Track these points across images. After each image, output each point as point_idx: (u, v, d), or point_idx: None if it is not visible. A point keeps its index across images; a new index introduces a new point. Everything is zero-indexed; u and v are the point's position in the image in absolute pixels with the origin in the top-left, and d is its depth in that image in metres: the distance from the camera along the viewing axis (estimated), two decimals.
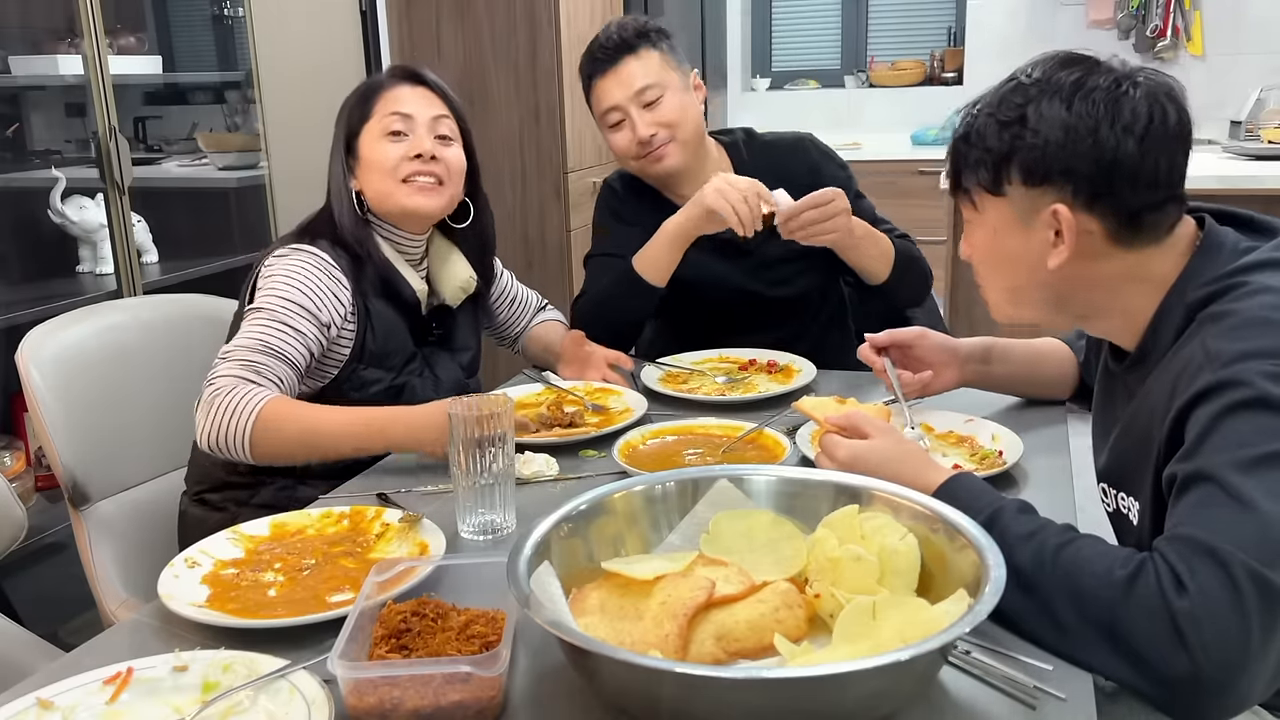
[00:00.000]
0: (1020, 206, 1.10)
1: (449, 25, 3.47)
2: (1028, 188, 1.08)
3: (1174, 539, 0.91)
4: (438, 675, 0.85)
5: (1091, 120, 1.04)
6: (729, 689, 0.78)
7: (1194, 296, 1.06)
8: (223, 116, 3.33)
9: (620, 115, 1.88)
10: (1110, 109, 1.04)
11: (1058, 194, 1.07)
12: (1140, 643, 0.87)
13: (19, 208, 2.78)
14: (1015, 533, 0.98)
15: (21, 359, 1.60)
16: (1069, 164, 1.05)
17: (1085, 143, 1.04)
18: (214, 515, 1.61)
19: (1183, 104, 1.07)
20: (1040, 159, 1.06)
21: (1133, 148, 1.03)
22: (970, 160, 1.13)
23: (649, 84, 1.86)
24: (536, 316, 1.98)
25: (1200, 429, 0.95)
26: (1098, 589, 0.91)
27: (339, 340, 1.59)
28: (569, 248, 3.50)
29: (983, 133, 1.11)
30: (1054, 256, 1.09)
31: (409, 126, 1.61)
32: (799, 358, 1.83)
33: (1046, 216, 1.08)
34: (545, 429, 1.56)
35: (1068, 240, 1.07)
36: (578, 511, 1.04)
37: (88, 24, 2.43)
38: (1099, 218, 1.07)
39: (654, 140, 1.86)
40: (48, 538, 2.35)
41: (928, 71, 5.16)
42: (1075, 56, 1.09)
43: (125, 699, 0.91)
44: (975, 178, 1.13)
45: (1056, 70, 1.08)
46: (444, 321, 1.74)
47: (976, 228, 1.17)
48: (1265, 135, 3.47)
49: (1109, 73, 1.06)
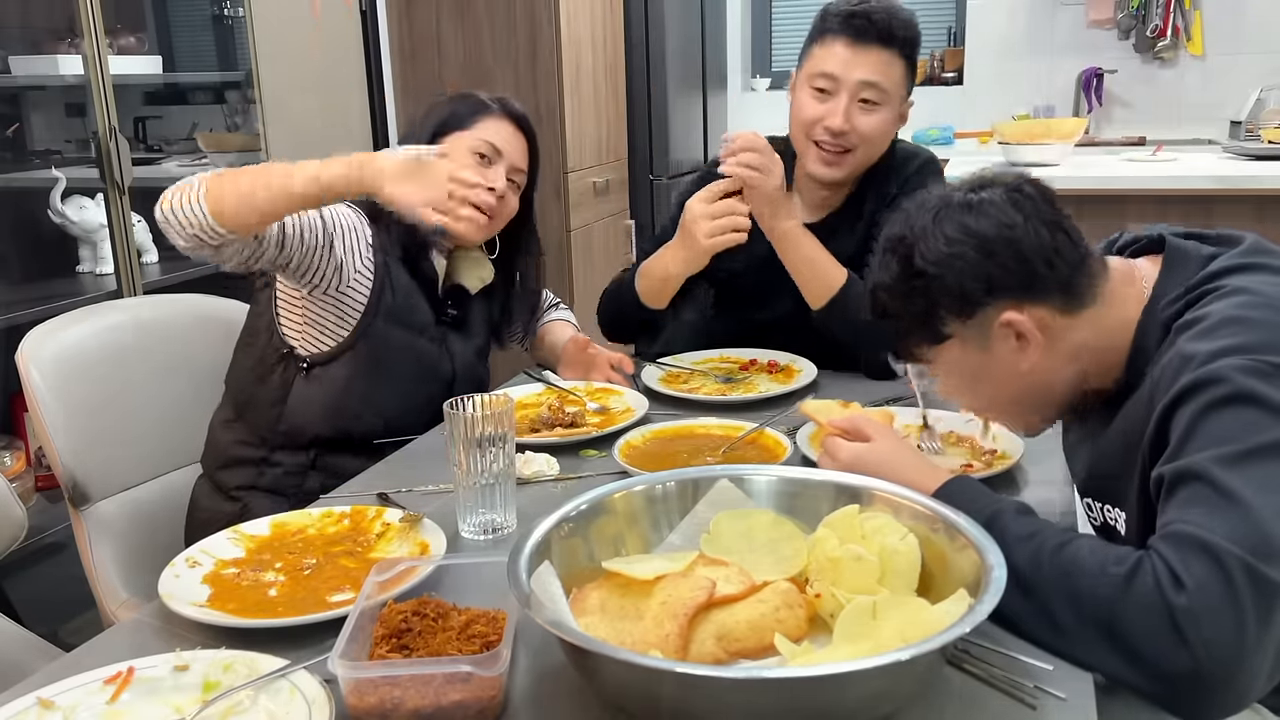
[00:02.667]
0: (971, 337, 1.10)
1: (449, 25, 3.47)
2: (965, 320, 1.09)
3: (1167, 536, 0.91)
4: (438, 675, 0.85)
5: (972, 232, 1.07)
6: (729, 689, 0.78)
7: (1167, 313, 1.07)
8: (223, 116, 3.33)
9: (833, 87, 1.72)
10: (981, 215, 1.07)
11: (995, 308, 1.08)
12: (1139, 641, 0.87)
13: (19, 208, 2.78)
14: (1014, 534, 0.98)
15: (21, 359, 1.60)
16: (986, 278, 1.07)
17: (982, 253, 1.06)
18: (226, 507, 1.62)
19: (1032, 176, 1.11)
20: (960, 291, 1.07)
21: (1024, 233, 1.06)
22: (901, 333, 1.15)
23: (881, 86, 1.71)
24: (547, 315, 1.98)
25: (1183, 429, 0.95)
26: (1095, 588, 0.91)
27: (352, 288, 1.60)
28: (569, 248, 3.50)
29: (890, 309, 1.13)
30: (1025, 359, 1.10)
31: (494, 158, 1.66)
32: (799, 357, 1.83)
33: (999, 331, 1.08)
34: (546, 429, 1.56)
35: (1032, 338, 1.08)
36: (578, 511, 1.04)
37: (88, 24, 2.43)
38: (1042, 304, 1.08)
39: (841, 137, 1.73)
40: (48, 538, 2.35)
41: (928, 71, 5.16)
42: (926, 196, 1.13)
43: (126, 699, 0.91)
44: (916, 340, 1.14)
45: (913, 217, 1.11)
46: (460, 304, 1.76)
47: (944, 376, 1.18)
48: (1265, 135, 3.47)
49: (958, 190, 1.11)
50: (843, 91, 1.72)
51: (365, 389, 1.63)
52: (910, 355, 1.18)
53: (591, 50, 3.62)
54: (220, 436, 1.70)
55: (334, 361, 1.62)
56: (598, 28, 3.66)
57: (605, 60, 3.74)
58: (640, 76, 3.96)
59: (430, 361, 1.68)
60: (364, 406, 1.63)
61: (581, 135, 3.54)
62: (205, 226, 1.41)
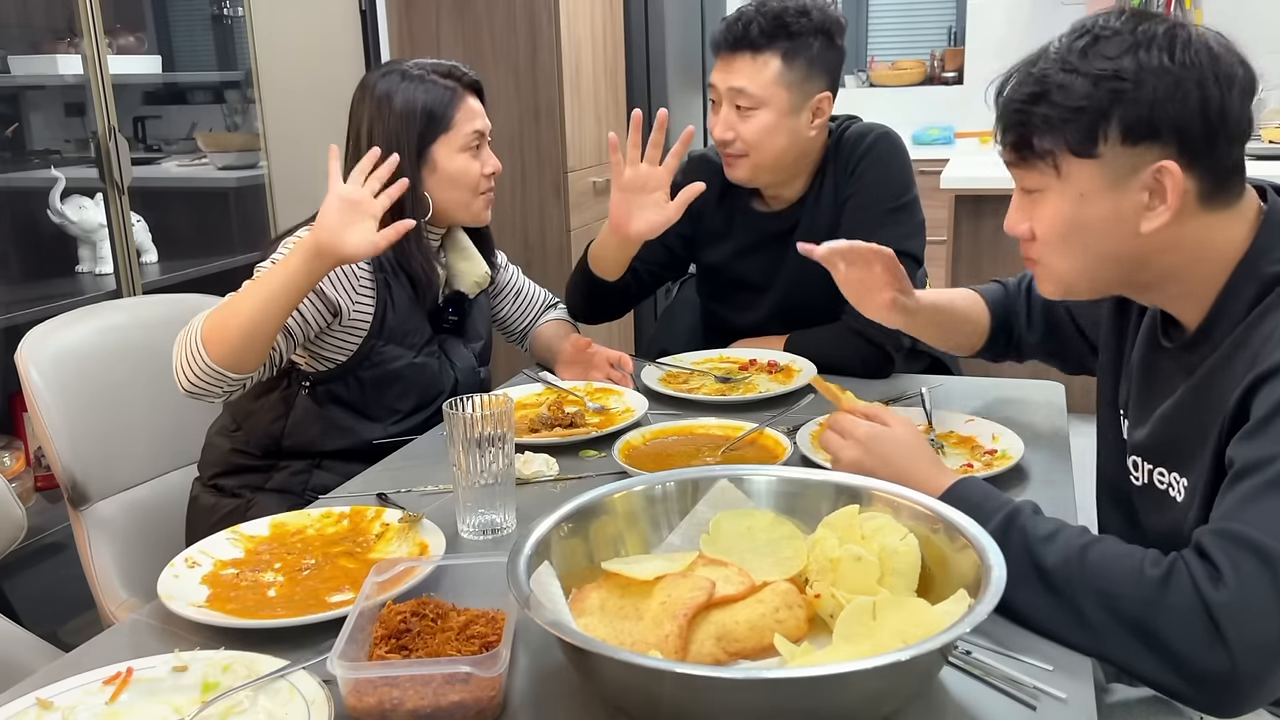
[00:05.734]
0: (1115, 167, 1.00)
1: (449, 25, 3.47)
2: (1126, 146, 0.99)
3: (1219, 532, 0.89)
4: (437, 675, 0.85)
5: (1197, 72, 0.97)
6: (729, 689, 0.78)
7: (1271, 270, 1.01)
8: (222, 116, 3.33)
9: (717, 97, 1.80)
10: (1211, 61, 0.98)
11: (1162, 151, 0.99)
12: (1176, 641, 0.87)
13: (19, 208, 2.78)
14: (1036, 534, 0.97)
15: (21, 359, 1.60)
16: (1179, 119, 0.97)
17: (1194, 96, 0.97)
18: (227, 502, 1.62)
19: (1245, 58, 1.02)
20: (1148, 114, 0.97)
21: (1235, 101, 0.99)
22: (1052, 121, 1.02)
23: (749, 92, 1.75)
24: (545, 314, 1.98)
25: (1268, 410, 0.91)
26: (1130, 589, 0.90)
27: (355, 317, 1.60)
28: (569, 248, 3.50)
29: (1068, 88, 1.00)
30: (1150, 220, 1.01)
31: (482, 141, 1.68)
32: (799, 358, 1.83)
33: (1146, 177, 0.99)
34: (546, 429, 1.56)
35: (1171, 201, 0.99)
36: (578, 511, 1.04)
37: (87, 24, 2.43)
38: (1196, 177, 1.00)
39: (729, 145, 1.80)
40: (48, 538, 2.35)
41: (928, 71, 5.16)
42: (1136, 9, 1.04)
43: (125, 699, 0.91)
44: (1060, 139, 1.02)
45: (1137, 19, 1.01)
46: (459, 310, 1.77)
47: (1051, 197, 1.06)
48: (1265, 135, 3.47)
49: (1182, 26, 1.00)
50: (723, 101, 1.79)
51: (367, 406, 1.65)
52: (1031, 158, 1.05)
53: (591, 50, 3.61)
54: (219, 444, 1.69)
55: (337, 381, 1.63)
56: (598, 28, 3.66)
57: (605, 60, 3.74)
58: (640, 76, 3.95)
59: (431, 375, 1.69)
60: (365, 423, 1.65)
61: (581, 135, 3.54)
62: (230, 381, 1.45)
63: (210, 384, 1.44)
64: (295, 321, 1.54)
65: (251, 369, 1.46)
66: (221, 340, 1.41)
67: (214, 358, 1.42)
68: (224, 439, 1.69)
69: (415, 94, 1.63)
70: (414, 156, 1.62)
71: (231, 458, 1.67)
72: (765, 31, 1.74)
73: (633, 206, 1.69)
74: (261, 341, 1.43)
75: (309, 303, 1.54)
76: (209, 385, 1.45)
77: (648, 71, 3.97)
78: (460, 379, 1.73)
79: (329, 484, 1.51)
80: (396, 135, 1.61)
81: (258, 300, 1.41)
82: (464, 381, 1.74)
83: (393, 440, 1.61)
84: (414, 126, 1.63)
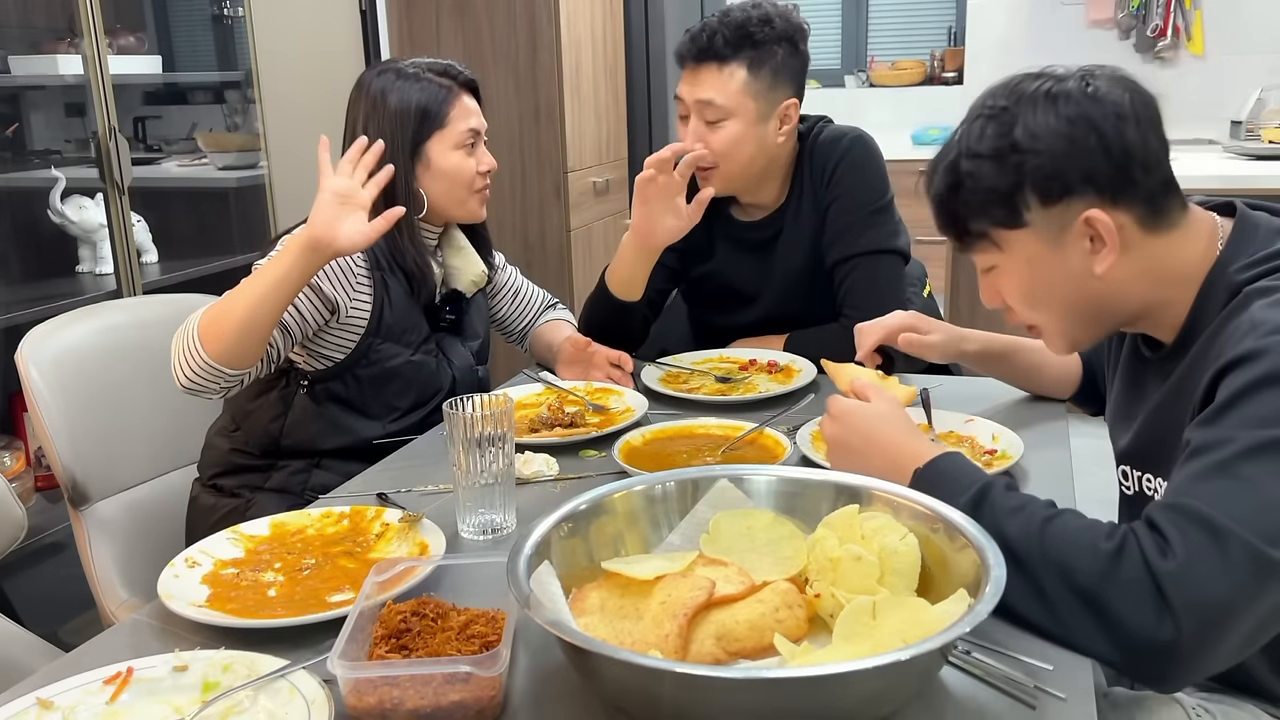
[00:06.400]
0: (1047, 229, 1.06)
1: (449, 24, 3.47)
2: (1048, 208, 1.05)
3: (1169, 506, 0.91)
4: (438, 675, 0.85)
5: (1084, 120, 1.02)
6: (729, 689, 0.78)
7: (1239, 276, 1.03)
8: (222, 116, 3.33)
9: (685, 111, 1.81)
10: (1094, 104, 1.02)
11: (1082, 201, 1.04)
12: (1124, 611, 0.88)
13: (19, 208, 2.78)
14: (1003, 507, 0.98)
15: (21, 359, 1.60)
16: (1085, 168, 1.02)
17: (1090, 142, 1.02)
18: (227, 502, 1.63)
19: (1142, 85, 1.06)
20: (1054, 174, 1.03)
21: (1131, 132, 1.02)
22: (973, 206, 1.09)
23: (717, 104, 1.76)
24: (545, 314, 1.98)
25: (1228, 396, 0.93)
26: (1085, 562, 0.91)
27: (353, 315, 1.61)
28: (569, 248, 3.50)
29: (976, 174, 1.07)
30: (1100, 262, 1.05)
31: (478, 139, 1.69)
32: (799, 357, 1.83)
33: (1079, 228, 1.04)
34: (546, 429, 1.56)
35: (1110, 242, 1.04)
36: (578, 511, 1.04)
37: (87, 24, 2.43)
38: (1126, 210, 1.04)
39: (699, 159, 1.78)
40: (48, 538, 2.35)
41: (928, 71, 5.16)
42: (1022, 75, 1.08)
43: (125, 699, 0.91)
44: (986, 220, 1.08)
45: (1017, 89, 1.06)
46: (456, 309, 1.77)
47: (1003, 271, 1.12)
48: (1265, 135, 3.47)
49: (1068, 76, 1.05)
50: (691, 115, 1.79)
51: (365, 404, 1.65)
52: (971, 241, 1.11)
53: (591, 50, 3.62)
54: (218, 444, 1.70)
55: (335, 379, 1.63)
56: (598, 28, 3.66)
57: (605, 60, 3.74)
58: (640, 77, 3.96)
59: (429, 373, 1.70)
60: (364, 422, 1.65)
61: (581, 135, 3.54)
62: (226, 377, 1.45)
63: (207, 380, 1.45)
64: (293, 319, 1.54)
65: (248, 365, 1.46)
66: (218, 336, 1.42)
67: (210, 353, 1.42)
68: (223, 439, 1.69)
69: (410, 91, 1.63)
70: (409, 153, 1.63)
71: (231, 458, 1.67)
72: (730, 42, 1.74)
73: (655, 215, 1.72)
74: (257, 337, 1.43)
75: (307, 300, 1.55)
76: (206, 381, 1.45)
77: (648, 71, 3.97)
78: (458, 377, 1.73)
79: (328, 483, 1.51)
80: (391, 132, 1.61)
81: (253, 296, 1.41)
82: (461, 380, 1.74)
83: (392, 440, 1.61)
84: (409, 123, 1.63)
